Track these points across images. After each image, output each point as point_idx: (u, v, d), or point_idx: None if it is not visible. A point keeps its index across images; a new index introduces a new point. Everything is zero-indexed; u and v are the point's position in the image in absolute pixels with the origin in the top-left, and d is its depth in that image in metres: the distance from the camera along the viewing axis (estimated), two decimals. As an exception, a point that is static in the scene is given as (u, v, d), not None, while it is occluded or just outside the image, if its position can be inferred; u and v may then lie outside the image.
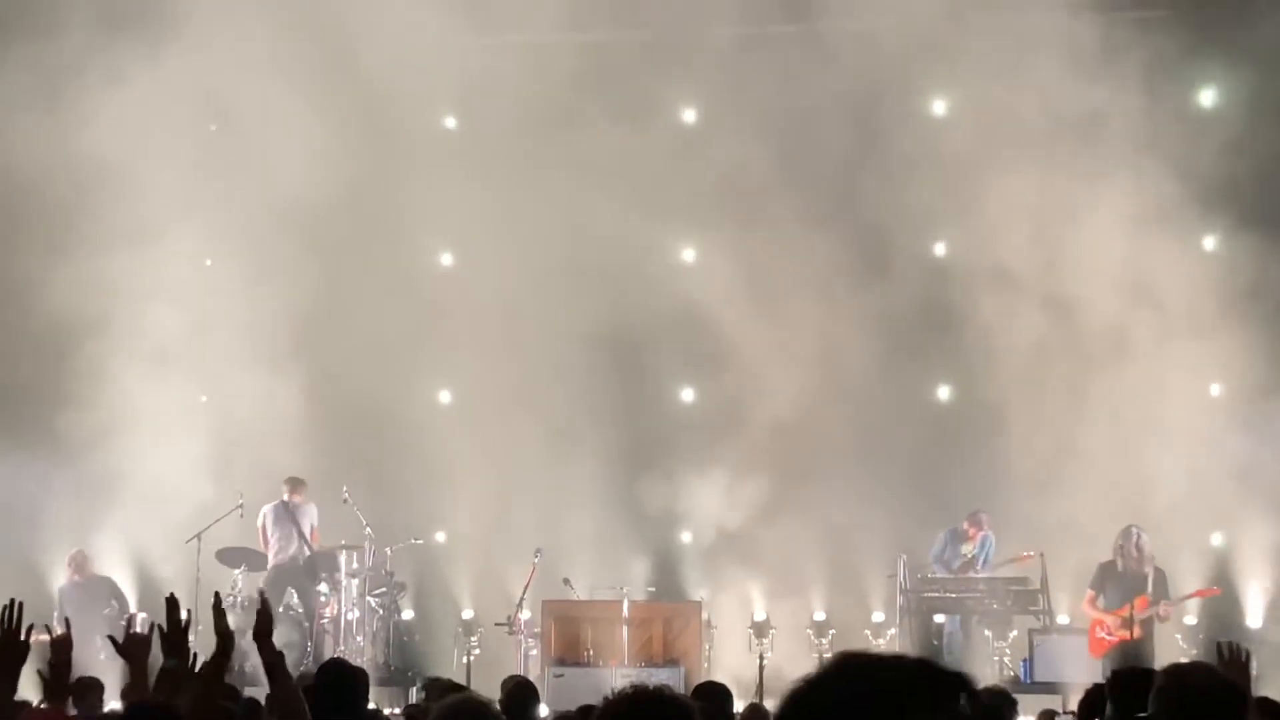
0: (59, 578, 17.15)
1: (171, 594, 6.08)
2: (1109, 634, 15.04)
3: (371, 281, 17.63)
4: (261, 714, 7.87)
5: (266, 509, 17.07)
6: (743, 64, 17.47)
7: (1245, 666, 6.03)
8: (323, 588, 16.89)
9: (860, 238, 17.22)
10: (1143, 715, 4.77)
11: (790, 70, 17.06)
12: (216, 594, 6.68)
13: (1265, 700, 6.49)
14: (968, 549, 16.49)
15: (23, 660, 5.88)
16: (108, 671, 10.78)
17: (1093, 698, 6.74)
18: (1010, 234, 16.66)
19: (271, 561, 16.96)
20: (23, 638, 5.83)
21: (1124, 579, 15.17)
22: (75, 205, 16.87)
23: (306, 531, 17.00)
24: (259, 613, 6.19)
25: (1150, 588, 15.12)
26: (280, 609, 16.60)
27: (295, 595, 16.80)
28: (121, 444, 16.69)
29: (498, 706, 5.06)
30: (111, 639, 6.60)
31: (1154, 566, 15.25)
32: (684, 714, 4.08)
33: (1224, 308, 16.33)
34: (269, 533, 17.02)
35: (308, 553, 16.95)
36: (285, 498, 17.07)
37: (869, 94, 17.06)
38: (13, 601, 5.78)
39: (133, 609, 16.81)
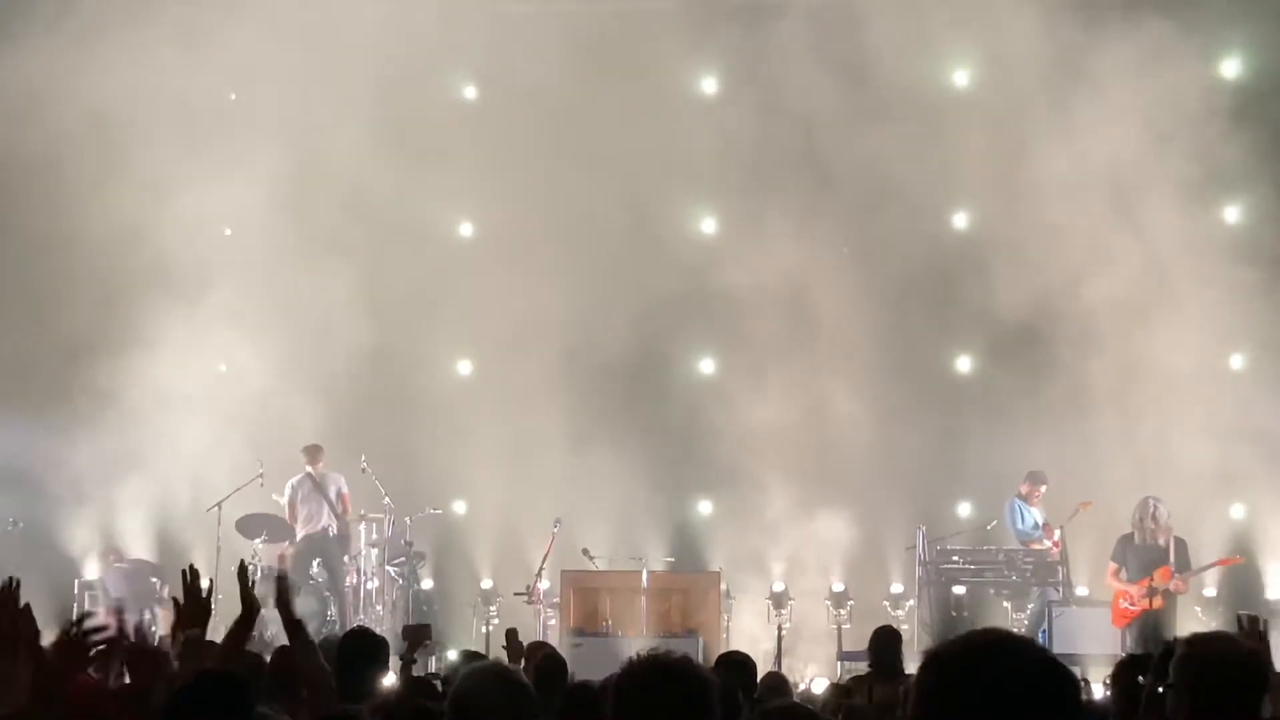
0: (79, 550, 17.29)
1: (190, 565, 6.09)
2: (1132, 604, 15.02)
3: (390, 251, 17.62)
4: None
5: (292, 482, 17.02)
6: (763, 33, 17.39)
7: (1264, 638, 6.03)
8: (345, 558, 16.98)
9: (881, 208, 17.16)
10: (1166, 684, 4.76)
11: (811, 39, 16.96)
12: (241, 562, 6.74)
13: None
14: (1038, 514, 16.38)
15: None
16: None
17: (1124, 668, 6.72)
18: (1031, 205, 16.60)
19: (301, 532, 16.95)
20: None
21: (1144, 550, 15.14)
22: (89, 175, 16.84)
23: (334, 500, 16.99)
24: (278, 582, 6.24)
25: (1172, 558, 15.09)
26: (304, 579, 16.72)
27: (316, 565, 16.84)
28: (140, 413, 16.73)
29: (522, 675, 5.05)
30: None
31: (1174, 537, 15.21)
32: (702, 687, 4.01)
33: (1245, 278, 16.26)
34: (296, 507, 16.97)
35: (336, 525, 16.94)
36: (308, 469, 17.04)
37: (891, 63, 16.97)
38: (10, 580, 5.71)
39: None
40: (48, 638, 5.92)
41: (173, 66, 16.61)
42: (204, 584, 5.93)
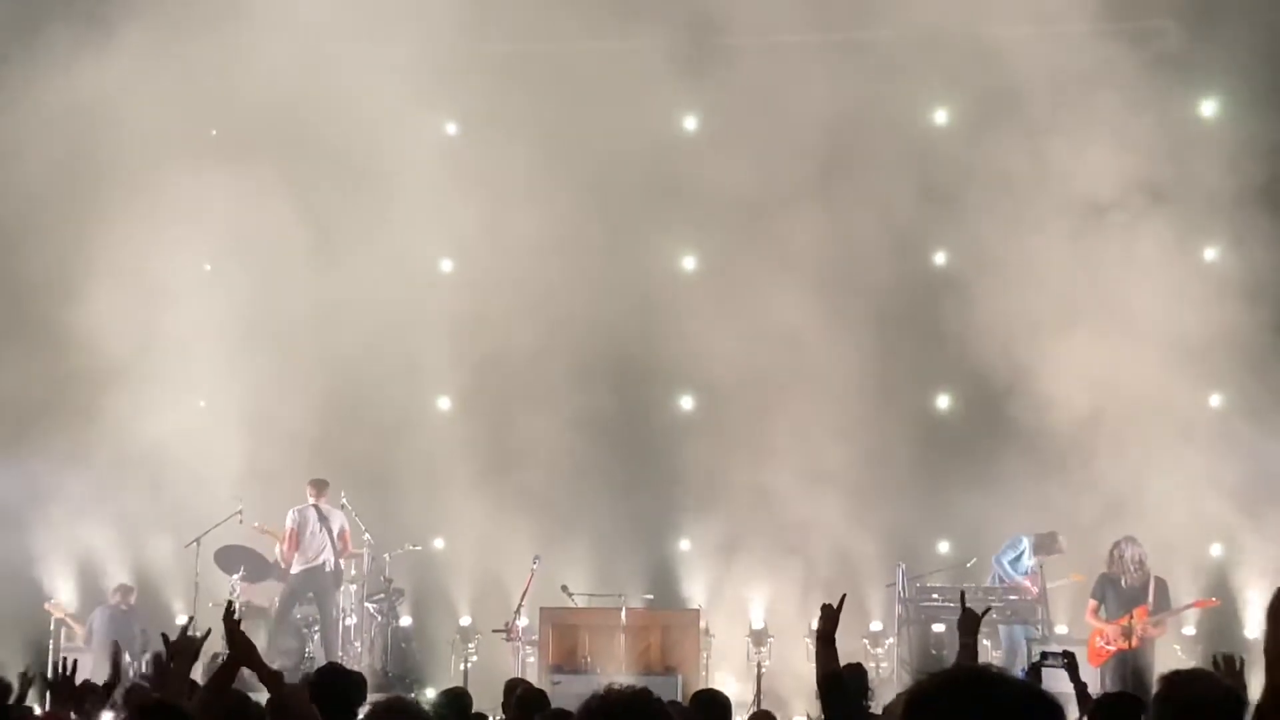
0: (65, 589, 17.26)
1: (229, 601, 6.23)
2: (1109, 643, 15.03)
3: (371, 287, 17.60)
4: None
5: (296, 510, 16.90)
6: (744, 74, 17.46)
7: (1241, 676, 6.05)
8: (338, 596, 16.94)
9: (860, 247, 17.20)
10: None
11: (790, 81, 17.04)
12: (228, 604, 6.77)
13: None
14: (1034, 563, 16.31)
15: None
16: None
17: (1101, 708, 6.72)
18: (1010, 245, 16.65)
19: (299, 566, 16.84)
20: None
21: (1124, 589, 15.16)
22: (72, 207, 16.84)
23: (336, 536, 16.94)
24: (243, 648, 6.16)
25: (1151, 598, 15.11)
26: (291, 614, 16.67)
27: (305, 602, 16.78)
28: (118, 449, 16.67)
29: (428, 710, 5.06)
30: (164, 636, 6.71)
31: (1155, 577, 15.23)
32: (659, 710, 4.05)
33: (1224, 318, 16.32)
34: (299, 536, 16.85)
35: (333, 559, 16.88)
36: (313, 501, 16.93)
37: (870, 103, 17.07)
38: None
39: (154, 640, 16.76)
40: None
41: (153, 101, 16.62)
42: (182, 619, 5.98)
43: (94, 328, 16.59)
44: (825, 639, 6.89)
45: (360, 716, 7.32)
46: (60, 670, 7.02)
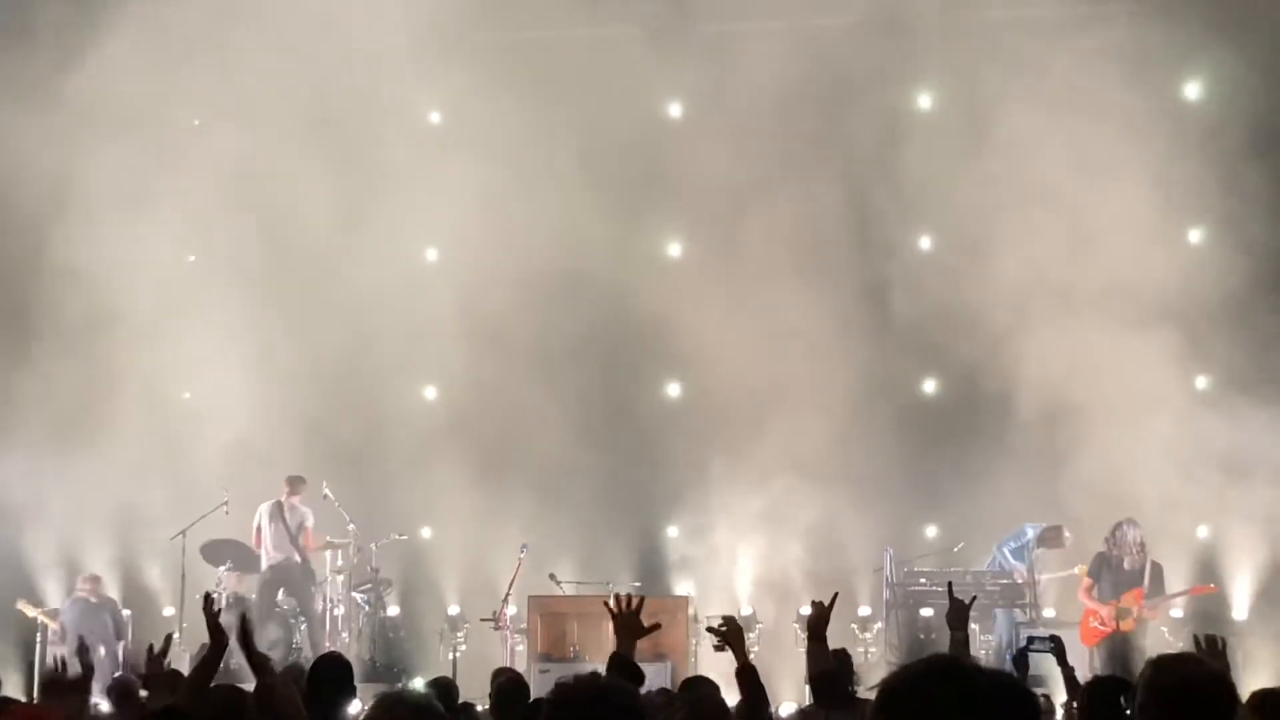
0: (52, 582, 17.19)
1: (206, 593, 6.33)
2: (1102, 624, 15.05)
3: (356, 276, 17.57)
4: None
5: (262, 509, 16.89)
6: (728, 60, 17.44)
7: (1224, 656, 6.06)
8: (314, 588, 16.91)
9: (845, 231, 17.20)
10: (1134, 705, 4.75)
11: (775, 66, 17.00)
12: (207, 594, 6.80)
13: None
14: (1033, 557, 16.30)
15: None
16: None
17: (1092, 689, 6.72)
18: (994, 227, 16.65)
19: (265, 561, 16.86)
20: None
21: (1120, 570, 15.16)
22: (57, 201, 16.78)
23: (297, 533, 16.89)
24: (241, 621, 6.25)
25: (1147, 581, 15.11)
26: (270, 607, 16.64)
27: (283, 594, 16.75)
28: (104, 439, 16.62)
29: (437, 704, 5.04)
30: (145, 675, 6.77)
31: (1151, 561, 15.23)
32: (626, 698, 4.06)
33: (1209, 300, 16.34)
34: (263, 532, 16.86)
35: (297, 556, 16.84)
36: (282, 497, 16.93)
37: (853, 89, 17.04)
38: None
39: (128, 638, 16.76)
40: (11, 671, 6.00)
41: (135, 92, 16.55)
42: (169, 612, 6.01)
43: (77, 322, 16.55)
44: (817, 636, 6.88)
45: (358, 709, 7.33)
46: (55, 668, 7.06)
